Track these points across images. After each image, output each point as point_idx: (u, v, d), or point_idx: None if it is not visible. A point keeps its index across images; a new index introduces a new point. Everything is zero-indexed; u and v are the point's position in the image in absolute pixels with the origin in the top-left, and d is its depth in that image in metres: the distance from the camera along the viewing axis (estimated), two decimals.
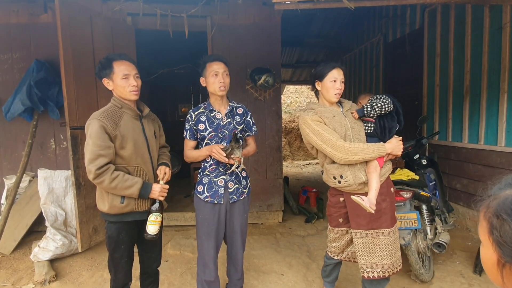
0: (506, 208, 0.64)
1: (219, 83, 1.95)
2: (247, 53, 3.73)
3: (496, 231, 0.64)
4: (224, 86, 1.97)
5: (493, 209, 0.66)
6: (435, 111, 3.96)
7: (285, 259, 3.02)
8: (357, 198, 1.75)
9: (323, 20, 6.17)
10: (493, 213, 0.66)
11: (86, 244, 2.95)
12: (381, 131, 1.96)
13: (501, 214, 0.64)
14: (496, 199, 0.67)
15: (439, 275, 2.63)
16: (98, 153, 1.64)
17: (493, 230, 0.65)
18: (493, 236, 0.65)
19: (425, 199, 2.56)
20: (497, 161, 3.04)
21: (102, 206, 1.76)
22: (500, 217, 0.64)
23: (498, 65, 3.00)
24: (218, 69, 1.96)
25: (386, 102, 1.93)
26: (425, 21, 4.10)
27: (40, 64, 3.25)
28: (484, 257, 0.68)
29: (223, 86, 1.97)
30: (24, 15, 3.42)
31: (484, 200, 0.70)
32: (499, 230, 0.63)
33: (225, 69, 1.99)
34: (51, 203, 3.14)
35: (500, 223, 0.63)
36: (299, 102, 12.39)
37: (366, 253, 1.93)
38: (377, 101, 1.95)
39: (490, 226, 0.65)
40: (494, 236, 0.64)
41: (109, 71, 1.75)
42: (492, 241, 0.65)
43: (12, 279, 2.70)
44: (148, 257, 1.99)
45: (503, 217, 0.63)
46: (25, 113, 3.24)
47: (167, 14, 3.34)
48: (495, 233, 0.64)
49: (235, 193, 2.06)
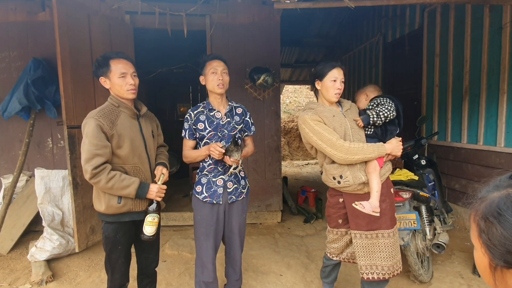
0: (492, 211, 0.64)
1: (217, 81, 1.95)
2: (246, 52, 3.72)
3: (485, 234, 0.63)
4: (222, 84, 1.97)
5: (481, 212, 0.66)
6: (434, 111, 3.96)
7: (284, 259, 3.01)
8: (359, 207, 1.77)
9: (322, 19, 6.17)
10: (481, 216, 0.65)
11: (83, 244, 2.93)
12: (382, 133, 1.96)
13: (488, 217, 0.64)
14: (484, 202, 0.67)
15: (438, 276, 2.63)
16: (94, 153, 1.62)
17: (481, 233, 0.64)
18: (482, 239, 0.64)
19: (424, 200, 2.55)
20: (496, 161, 3.03)
21: (99, 206, 1.74)
22: (488, 220, 0.63)
23: (498, 65, 3.00)
24: (217, 67, 1.97)
25: (391, 110, 1.93)
26: (424, 21, 4.10)
27: (37, 62, 3.23)
28: (477, 260, 0.68)
29: (222, 84, 1.96)
30: (21, 13, 3.39)
31: (473, 204, 0.70)
32: (487, 233, 0.63)
33: (224, 67, 2.00)
34: (48, 203, 3.12)
35: (488, 226, 0.63)
36: (298, 102, 12.38)
37: (365, 254, 1.92)
38: (383, 109, 1.92)
39: (479, 229, 0.65)
40: (483, 239, 0.64)
41: (106, 70, 1.74)
42: (481, 244, 0.64)
43: (9, 279, 2.68)
44: (145, 257, 1.97)
45: (490, 219, 0.63)
46: (22, 112, 3.22)
47: (165, 12, 3.32)
48: (484, 236, 0.64)
49: (234, 193, 2.05)
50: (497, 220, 0.62)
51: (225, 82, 1.99)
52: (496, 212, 0.63)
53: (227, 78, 2.01)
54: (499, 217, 0.62)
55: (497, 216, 0.63)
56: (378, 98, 2.05)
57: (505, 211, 0.62)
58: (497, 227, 0.62)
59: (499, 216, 0.62)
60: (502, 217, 0.62)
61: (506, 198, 0.64)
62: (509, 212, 0.62)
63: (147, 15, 3.43)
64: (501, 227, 0.61)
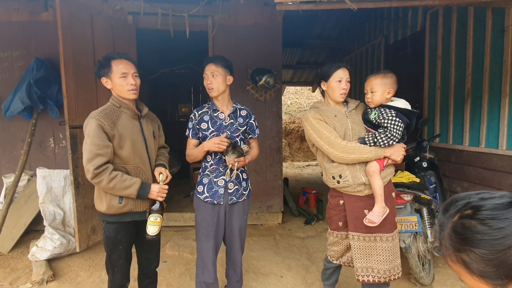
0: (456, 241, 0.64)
1: (207, 84, 2.00)
2: (248, 54, 3.72)
3: (471, 263, 0.62)
4: (212, 87, 1.98)
5: (452, 249, 0.65)
6: (436, 113, 3.95)
7: (285, 261, 3.01)
8: (370, 224, 1.80)
9: (324, 21, 6.17)
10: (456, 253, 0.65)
11: (84, 244, 2.93)
12: None
13: (460, 248, 0.63)
14: (446, 240, 0.66)
15: (439, 279, 2.62)
16: (96, 152, 1.62)
17: (470, 266, 0.63)
18: (473, 272, 0.62)
19: (426, 202, 2.54)
20: (498, 164, 3.02)
21: (100, 206, 1.75)
22: (464, 251, 0.63)
23: (500, 67, 2.99)
24: (206, 71, 2.00)
25: (393, 138, 1.77)
26: (426, 23, 4.09)
27: (40, 62, 3.24)
28: None
29: (211, 88, 1.98)
30: (24, 13, 3.41)
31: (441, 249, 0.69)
32: (472, 261, 0.62)
33: (213, 70, 1.98)
34: (49, 202, 3.13)
35: (468, 255, 0.62)
36: (300, 103, 12.38)
37: (362, 256, 1.91)
38: (383, 138, 1.78)
39: (465, 264, 0.64)
40: (474, 271, 0.62)
41: (108, 70, 1.74)
42: (476, 277, 0.63)
43: (9, 278, 2.69)
44: (146, 258, 1.97)
45: (464, 248, 0.62)
46: (25, 112, 3.23)
47: (168, 13, 3.34)
48: (473, 266, 0.62)
49: (234, 194, 2.05)
50: (468, 244, 0.62)
51: (214, 85, 1.97)
52: (461, 239, 0.63)
53: (218, 79, 1.97)
54: (467, 241, 0.62)
55: (465, 242, 0.62)
56: (388, 110, 1.81)
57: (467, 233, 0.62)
58: (475, 250, 0.61)
59: (467, 240, 0.62)
60: (469, 239, 0.62)
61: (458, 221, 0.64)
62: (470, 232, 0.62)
63: (149, 16, 3.44)
64: (477, 248, 0.60)
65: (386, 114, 1.80)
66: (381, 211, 1.80)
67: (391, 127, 1.76)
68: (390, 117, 1.77)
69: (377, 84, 1.85)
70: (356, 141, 1.86)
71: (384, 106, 1.85)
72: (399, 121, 1.76)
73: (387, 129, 1.78)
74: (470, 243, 0.61)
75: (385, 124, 1.78)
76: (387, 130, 1.78)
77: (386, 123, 1.77)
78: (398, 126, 1.76)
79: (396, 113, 1.79)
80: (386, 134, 1.77)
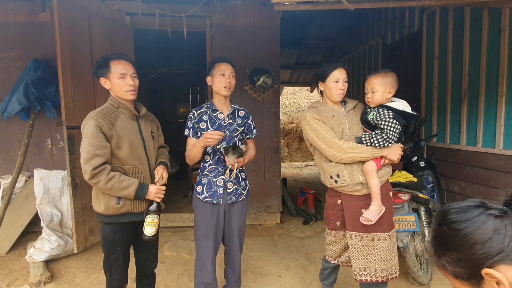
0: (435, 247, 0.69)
1: (224, 83, 1.99)
2: (246, 54, 3.73)
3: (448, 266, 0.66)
4: (229, 87, 2.01)
5: (435, 256, 0.70)
6: (433, 113, 3.96)
7: (283, 261, 3.01)
8: (366, 223, 1.80)
9: (322, 21, 6.18)
10: (438, 260, 0.69)
11: (82, 245, 2.92)
12: None
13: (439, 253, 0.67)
14: (431, 247, 0.71)
15: (436, 278, 2.63)
16: (94, 153, 1.62)
17: (447, 269, 0.67)
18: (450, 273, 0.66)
19: (423, 201, 2.55)
20: (495, 163, 3.04)
21: (98, 206, 1.74)
22: (442, 255, 0.67)
23: (497, 67, 3.00)
24: (225, 69, 2.00)
25: (389, 140, 1.76)
26: (423, 23, 4.11)
27: (37, 63, 3.23)
28: None
29: (228, 87, 2.00)
30: (22, 14, 3.40)
31: (436, 262, 0.72)
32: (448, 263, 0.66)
33: (232, 70, 2.04)
34: (47, 204, 3.12)
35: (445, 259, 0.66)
36: (298, 103, 12.39)
37: (360, 256, 1.91)
38: (379, 138, 1.77)
39: (444, 268, 0.68)
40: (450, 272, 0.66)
41: (106, 70, 1.74)
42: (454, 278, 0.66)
43: (7, 280, 2.67)
44: (144, 258, 1.97)
45: (441, 253, 0.67)
46: (22, 112, 3.21)
47: (166, 14, 3.33)
48: (449, 269, 0.66)
49: (233, 193, 2.05)
50: (442, 248, 0.66)
51: (232, 85, 2.03)
52: (438, 245, 0.68)
53: (233, 81, 2.05)
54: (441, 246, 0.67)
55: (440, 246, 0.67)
56: (386, 112, 1.80)
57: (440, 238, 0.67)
58: (447, 253, 0.65)
59: (441, 245, 0.67)
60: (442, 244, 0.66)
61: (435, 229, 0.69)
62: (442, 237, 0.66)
63: (147, 16, 3.44)
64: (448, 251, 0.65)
65: (384, 115, 1.79)
66: (377, 209, 1.81)
67: (387, 129, 1.76)
68: (387, 119, 1.77)
69: (378, 83, 1.84)
70: (353, 141, 1.87)
71: (383, 107, 1.84)
72: (396, 123, 1.76)
73: (384, 131, 1.77)
74: (443, 247, 0.66)
75: (381, 125, 1.77)
76: (384, 131, 1.77)
77: (383, 124, 1.77)
78: (394, 128, 1.75)
79: (393, 114, 1.78)
80: (382, 136, 1.77)
